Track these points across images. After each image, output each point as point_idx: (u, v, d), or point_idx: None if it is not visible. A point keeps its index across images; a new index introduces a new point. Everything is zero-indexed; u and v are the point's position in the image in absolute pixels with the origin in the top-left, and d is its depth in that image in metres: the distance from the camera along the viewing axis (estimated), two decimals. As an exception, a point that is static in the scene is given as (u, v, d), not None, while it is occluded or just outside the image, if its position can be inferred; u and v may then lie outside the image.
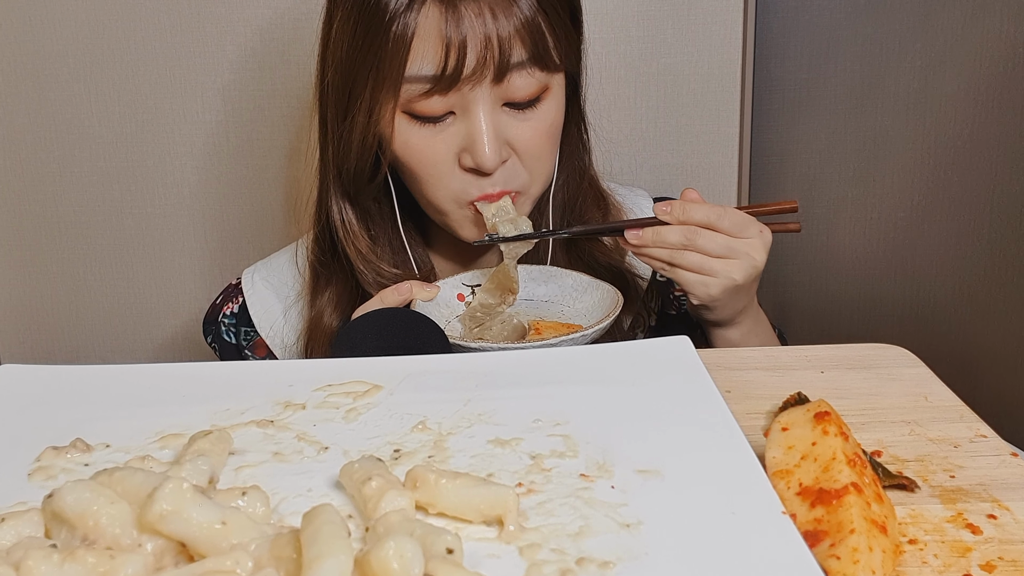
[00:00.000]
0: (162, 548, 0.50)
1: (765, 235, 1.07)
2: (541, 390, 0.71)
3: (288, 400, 0.71)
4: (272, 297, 1.30)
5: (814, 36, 1.53)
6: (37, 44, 1.54)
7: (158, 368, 0.76)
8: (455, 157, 1.10)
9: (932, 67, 1.44)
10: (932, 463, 0.66)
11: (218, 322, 1.31)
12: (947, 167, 1.46)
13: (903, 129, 1.49)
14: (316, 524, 0.48)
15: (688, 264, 1.06)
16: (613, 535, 0.53)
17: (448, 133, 1.09)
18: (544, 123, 1.12)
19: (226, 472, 0.62)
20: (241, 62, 1.54)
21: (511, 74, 1.06)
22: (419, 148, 1.10)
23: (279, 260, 1.34)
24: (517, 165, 1.12)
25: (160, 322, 1.67)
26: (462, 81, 1.04)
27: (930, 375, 0.79)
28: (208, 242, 1.63)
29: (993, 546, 0.56)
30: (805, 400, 0.70)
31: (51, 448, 0.64)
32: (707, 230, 1.05)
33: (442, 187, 1.12)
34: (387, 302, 1.07)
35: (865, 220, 1.56)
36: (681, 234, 1.05)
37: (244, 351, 1.30)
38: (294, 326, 1.28)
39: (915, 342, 1.24)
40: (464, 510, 0.55)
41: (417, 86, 1.06)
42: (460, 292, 1.14)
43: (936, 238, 1.49)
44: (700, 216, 1.05)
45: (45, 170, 1.60)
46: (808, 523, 0.56)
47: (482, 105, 1.07)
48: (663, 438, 0.63)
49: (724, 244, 1.05)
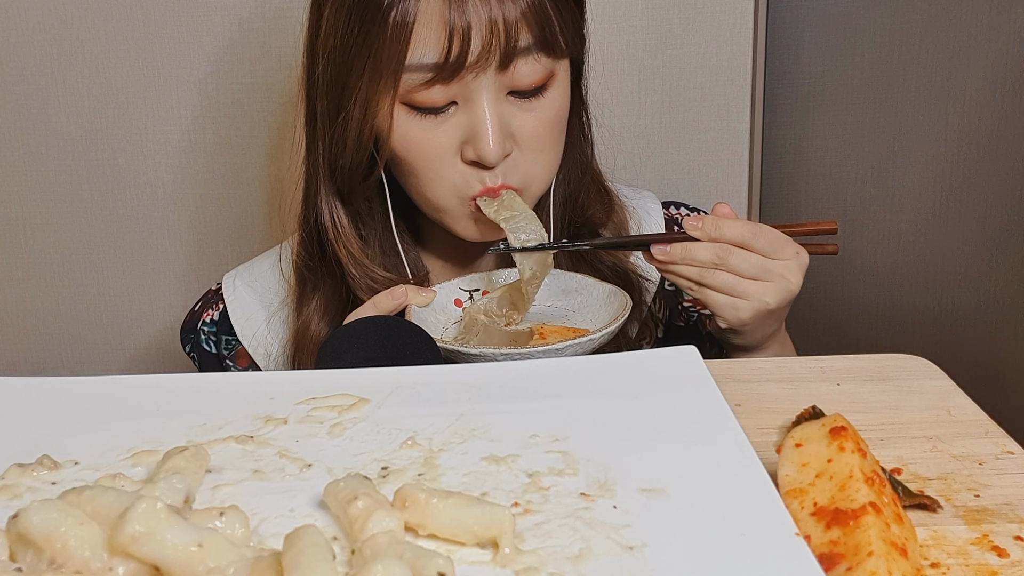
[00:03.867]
0: (134, 572, 0.50)
1: (802, 257, 1.06)
2: (538, 403, 0.71)
3: (269, 414, 0.71)
4: (255, 303, 1.29)
5: (830, 27, 1.53)
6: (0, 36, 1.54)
7: (130, 380, 0.76)
8: (456, 150, 1.10)
9: (956, 59, 1.45)
10: (956, 481, 0.66)
11: (197, 330, 1.30)
12: (972, 166, 1.46)
13: (925, 125, 1.50)
14: (299, 547, 0.48)
15: (718, 284, 1.05)
16: (615, 558, 0.54)
17: (449, 124, 1.09)
18: (549, 113, 1.12)
19: (203, 491, 0.62)
20: (219, 54, 1.54)
21: (517, 60, 1.06)
22: (418, 141, 1.10)
23: (262, 264, 1.33)
24: (520, 158, 1.12)
25: (133, 331, 1.67)
26: (466, 69, 1.04)
27: (953, 387, 0.79)
28: (184, 246, 1.63)
29: (1021, 570, 0.56)
30: (820, 414, 0.70)
31: (16, 465, 0.64)
32: (740, 249, 1.04)
33: (442, 181, 1.12)
34: (381, 307, 1.06)
35: (884, 222, 1.56)
36: (712, 252, 1.04)
37: (225, 361, 1.29)
38: (278, 334, 1.27)
39: (938, 352, 1.24)
40: (456, 531, 0.55)
41: (418, 75, 1.05)
42: (458, 297, 1.14)
43: (960, 241, 1.49)
44: (733, 233, 1.03)
45: (9, 169, 1.60)
46: (823, 545, 0.56)
47: (486, 94, 1.07)
48: (668, 454, 0.64)
49: (758, 265, 1.04)
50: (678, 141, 1.56)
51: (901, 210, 1.54)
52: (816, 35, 1.54)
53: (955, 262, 1.50)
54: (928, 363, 0.83)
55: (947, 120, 1.47)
